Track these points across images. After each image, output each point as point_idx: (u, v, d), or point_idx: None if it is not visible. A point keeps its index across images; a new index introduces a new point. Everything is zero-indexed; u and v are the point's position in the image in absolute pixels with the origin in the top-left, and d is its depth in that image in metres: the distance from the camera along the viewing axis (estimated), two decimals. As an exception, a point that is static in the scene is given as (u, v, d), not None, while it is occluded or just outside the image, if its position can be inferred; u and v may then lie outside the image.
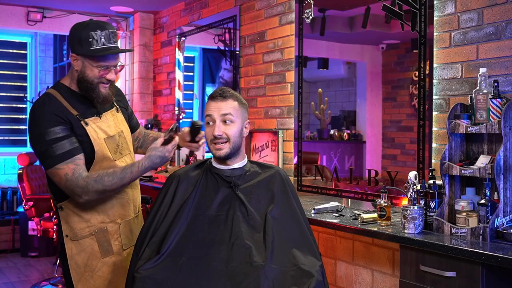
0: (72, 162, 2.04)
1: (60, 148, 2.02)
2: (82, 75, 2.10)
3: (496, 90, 2.21)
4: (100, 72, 2.09)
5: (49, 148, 2.02)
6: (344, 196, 3.16)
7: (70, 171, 2.03)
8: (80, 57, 2.08)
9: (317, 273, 1.82)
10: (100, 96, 2.14)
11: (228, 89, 2.04)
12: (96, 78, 2.10)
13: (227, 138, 1.98)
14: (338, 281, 3.21)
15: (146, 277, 1.80)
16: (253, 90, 4.07)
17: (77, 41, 2.06)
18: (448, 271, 2.06)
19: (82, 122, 2.11)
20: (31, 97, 7.02)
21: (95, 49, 2.05)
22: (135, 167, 2.09)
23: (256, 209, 1.96)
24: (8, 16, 5.49)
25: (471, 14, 2.52)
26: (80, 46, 2.05)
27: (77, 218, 2.15)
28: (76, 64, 2.10)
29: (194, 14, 5.00)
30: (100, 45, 2.06)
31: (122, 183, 2.09)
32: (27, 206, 4.89)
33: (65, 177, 2.03)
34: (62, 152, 2.02)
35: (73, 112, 2.10)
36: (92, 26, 2.07)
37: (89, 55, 2.06)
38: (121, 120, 2.31)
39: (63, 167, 2.03)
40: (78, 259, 2.16)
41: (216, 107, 1.99)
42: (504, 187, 2.15)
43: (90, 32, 2.05)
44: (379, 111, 3.12)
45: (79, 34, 2.06)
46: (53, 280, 4.69)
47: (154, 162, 2.10)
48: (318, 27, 3.45)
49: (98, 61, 2.07)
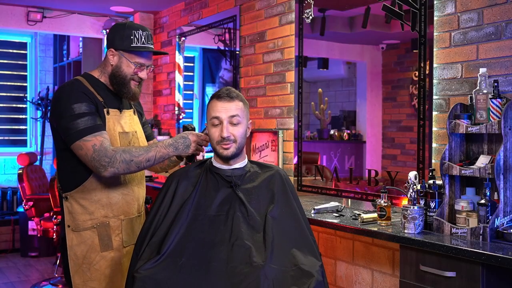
0: (99, 135, 2.09)
1: (87, 122, 2.08)
2: (117, 69, 2.21)
3: (496, 90, 2.21)
4: (134, 69, 2.21)
5: (74, 122, 2.07)
6: (344, 196, 3.16)
7: (99, 142, 2.07)
8: (119, 52, 2.20)
9: (317, 273, 1.82)
10: (130, 92, 2.24)
11: (233, 89, 2.05)
12: (130, 74, 2.22)
13: (234, 139, 1.99)
14: (338, 281, 3.21)
15: (146, 277, 1.80)
16: (253, 90, 4.07)
17: (119, 37, 2.19)
18: (448, 271, 2.06)
19: (105, 110, 2.19)
20: (31, 97, 7.02)
21: (135, 46, 2.19)
22: (160, 142, 2.16)
23: (256, 209, 1.96)
24: (8, 16, 5.49)
25: (471, 14, 2.52)
26: (121, 42, 2.19)
27: (80, 209, 2.18)
28: (112, 59, 2.21)
29: (194, 14, 5.00)
30: (140, 43, 2.21)
31: (147, 157, 2.11)
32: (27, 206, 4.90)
33: (93, 147, 2.06)
34: (89, 126, 2.08)
35: (99, 98, 2.19)
36: (134, 26, 2.22)
37: (129, 50, 2.19)
38: (136, 122, 2.39)
39: (92, 139, 2.07)
40: (77, 250, 2.19)
41: (223, 108, 1.99)
42: (504, 187, 2.15)
43: (132, 30, 2.20)
44: (379, 111, 3.12)
45: (122, 31, 2.20)
46: (53, 280, 4.69)
47: (177, 141, 2.15)
48: (318, 27, 3.45)
49: (135, 57, 2.21)
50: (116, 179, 2.22)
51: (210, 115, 2.03)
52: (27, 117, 7.06)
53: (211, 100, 2.05)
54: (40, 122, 6.96)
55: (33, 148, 7.01)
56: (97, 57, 6.35)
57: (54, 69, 7.20)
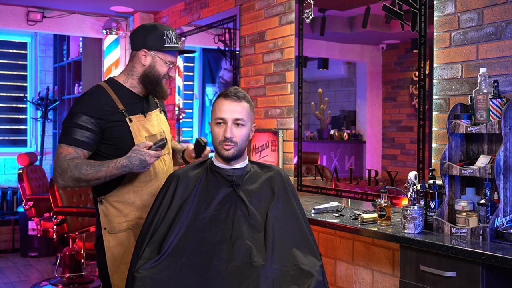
0: (74, 149, 2.13)
1: (77, 134, 2.14)
2: (150, 70, 2.26)
3: (496, 90, 2.21)
4: (168, 68, 2.28)
5: (72, 128, 2.14)
6: (344, 196, 3.16)
7: (66, 153, 2.13)
8: (153, 52, 2.25)
9: (317, 273, 1.82)
10: (163, 90, 2.31)
11: (241, 90, 2.05)
12: (163, 73, 2.28)
13: (236, 141, 2.00)
14: (338, 281, 3.21)
15: (146, 277, 1.80)
16: (253, 90, 4.07)
17: (152, 38, 2.24)
18: (448, 271, 2.06)
19: (127, 118, 2.22)
20: (31, 97, 7.02)
21: (169, 46, 2.26)
22: (112, 163, 2.13)
23: (257, 208, 1.96)
24: (8, 16, 5.49)
25: (471, 14, 2.52)
26: (155, 42, 2.24)
27: (115, 212, 2.24)
28: (145, 59, 2.25)
29: (194, 14, 5.00)
30: (172, 43, 2.27)
31: (97, 176, 2.12)
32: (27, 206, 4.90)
33: (59, 155, 2.13)
34: (75, 138, 2.14)
35: (120, 107, 2.22)
36: (163, 26, 2.28)
37: (163, 50, 2.25)
38: (164, 121, 2.44)
39: (65, 148, 2.13)
40: (115, 251, 2.25)
41: (229, 109, 2.00)
42: (504, 187, 2.15)
43: (164, 31, 2.25)
44: (379, 111, 3.12)
45: (155, 32, 2.25)
46: (53, 280, 4.69)
47: (132, 163, 2.12)
48: (318, 27, 3.45)
49: (168, 57, 2.27)
50: (147, 182, 2.26)
51: (215, 114, 2.03)
52: (27, 117, 7.06)
53: (217, 98, 2.05)
54: (40, 122, 6.96)
55: (33, 148, 7.01)
56: (97, 57, 6.34)
57: (54, 69, 7.20)
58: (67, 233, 4.19)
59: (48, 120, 7.01)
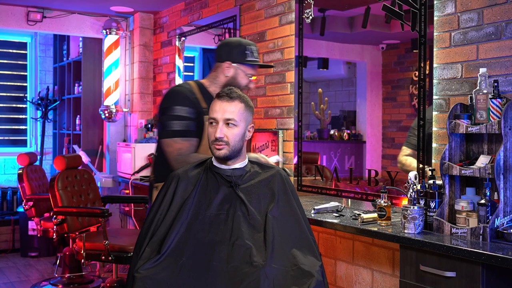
0: (188, 141, 2.36)
1: (181, 125, 2.35)
2: (233, 80, 2.50)
3: (496, 90, 2.21)
4: (247, 80, 2.54)
5: (171, 122, 2.35)
6: (344, 196, 3.16)
7: (185, 148, 2.35)
8: (236, 65, 2.50)
9: (317, 273, 1.83)
10: None
11: (235, 90, 2.05)
12: (244, 84, 2.53)
13: (227, 141, 1.99)
14: (338, 281, 3.21)
15: (146, 277, 1.80)
16: (253, 90, 4.07)
17: (237, 52, 2.49)
18: (448, 271, 2.06)
19: (205, 117, 2.37)
20: (31, 97, 7.02)
21: (251, 60, 2.52)
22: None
23: (256, 208, 1.96)
24: (8, 16, 5.49)
25: (471, 14, 2.52)
26: (239, 56, 2.49)
27: None
28: (228, 71, 2.51)
29: (194, 14, 5.00)
30: (253, 58, 2.53)
31: None
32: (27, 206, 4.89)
33: (179, 151, 2.35)
34: (182, 130, 2.35)
35: (203, 105, 2.42)
36: (246, 41, 2.54)
37: (245, 63, 2.51)
38: None
39: (181, 143, 2.35)
40: None
41: (221, 109, 2.00)
42: (504, 187, 2.15)
43: (247, 46, 2.52)
44: (379, 111, 3.12)
45: (239, 47, 2.50)
46: (53, 280, 4.69)
47: None
48: (318, 27, 3.45)
49: (249, 70, 2.53)
50: None
51: (209, 114, 2.05)
52: (27, 117, 7.06)
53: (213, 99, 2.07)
54: (40, 122, 6.96)
55: (33, 148, 7.01)
56: (97, 57, 6.34)
57: (54, 69, 7.20)
58: (67, 233, 4.18)
59: (48, 120, 7.01)
